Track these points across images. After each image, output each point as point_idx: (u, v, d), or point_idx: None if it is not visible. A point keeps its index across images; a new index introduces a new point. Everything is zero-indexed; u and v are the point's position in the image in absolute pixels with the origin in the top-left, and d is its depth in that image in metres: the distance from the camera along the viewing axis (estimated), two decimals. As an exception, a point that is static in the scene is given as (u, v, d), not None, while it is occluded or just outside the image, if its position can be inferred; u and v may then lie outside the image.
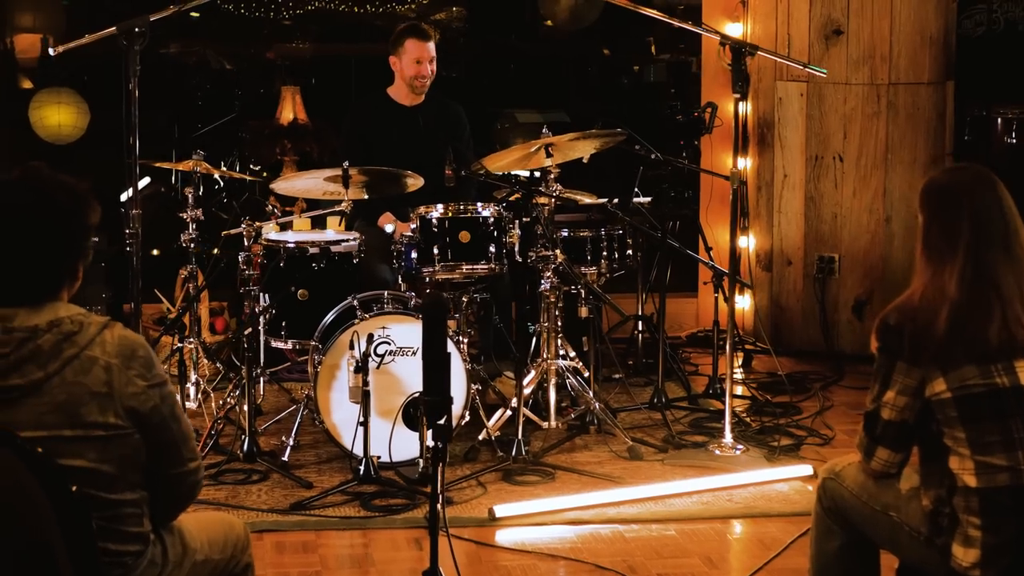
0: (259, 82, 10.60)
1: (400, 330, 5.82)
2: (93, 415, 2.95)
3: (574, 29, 11.64)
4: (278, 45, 10.47)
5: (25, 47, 12.26)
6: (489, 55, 9.60)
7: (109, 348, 2.99)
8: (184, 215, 6.32)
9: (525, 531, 5.29)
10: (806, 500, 5.56)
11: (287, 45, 10.50)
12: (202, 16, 10.36)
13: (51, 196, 3.01)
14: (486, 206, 6.17)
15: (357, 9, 10.46)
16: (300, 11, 10.42)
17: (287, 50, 10.52)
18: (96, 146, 11.10)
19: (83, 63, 11.04)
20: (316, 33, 10.52)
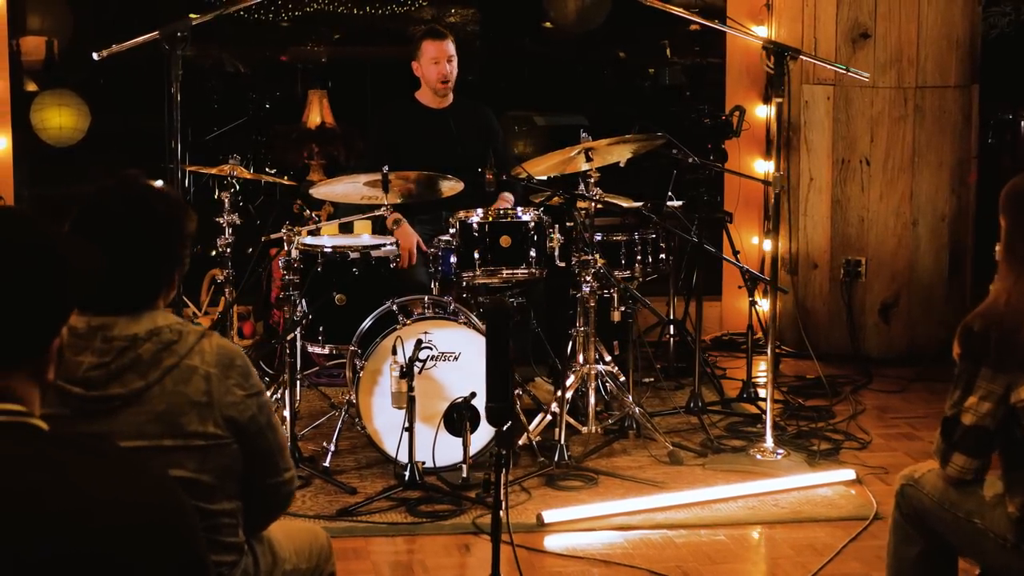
0: (274, 85, 10.56)
1: (442, 335, 5.80)
2: (193, 425, 2.93)
3: (581, 31, 11.65)
4: (293, 48, 10.44)
5: (30, 49, 12.22)
6: (503, 57, 9.58)
7: (208, 357, 2.97)
8: (220, 220, 6.28)
9: (574, 537, 5.28)
10: (852, 505, 5.57)
11: (301, 48, 10.46)
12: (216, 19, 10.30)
13: (150, 204, 2.98)
14: (526, 211, 6.16)
15: (370, 11, 10.44)
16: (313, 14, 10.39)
17: (301, 53, 10.49)
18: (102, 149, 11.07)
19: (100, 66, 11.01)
20: (330, 36, 10.49)
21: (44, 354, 2.07)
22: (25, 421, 2.05)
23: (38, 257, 2.05)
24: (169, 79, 5.63)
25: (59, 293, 2.06)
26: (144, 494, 2.02)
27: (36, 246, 2.06)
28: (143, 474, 2.06)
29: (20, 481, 1.97)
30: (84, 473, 2.00)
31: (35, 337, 2.05)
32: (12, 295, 2.01)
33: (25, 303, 2.02)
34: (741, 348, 8.15)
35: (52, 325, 2.07)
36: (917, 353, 7.81)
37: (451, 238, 6.18)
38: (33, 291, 2.03)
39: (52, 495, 1.96)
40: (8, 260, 2.02)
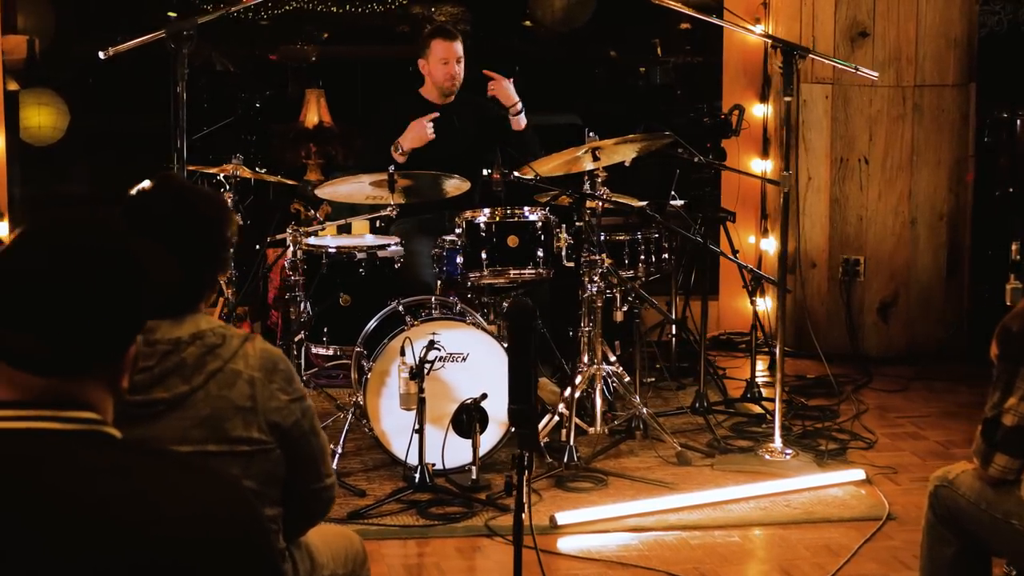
0: (264, 84, 10.50)
1: (450, 336, 5.76)
2: (237, 430, 2.88)
3: (564, 29, 11.62)
4: (282, 47, 10.37)
5: (11, 48, 12.11)
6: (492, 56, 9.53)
7: (252, 361, 2.92)
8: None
9: (588, 539, 5.25)
10: (864, 505, 5.55)
11: (291, 47, 10.40)
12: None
13: (193, 205, 2.94)
14: (533, 210, 6.12)
15: (357, 9, 10.37)
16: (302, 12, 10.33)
17: (291, 52, 10.42)
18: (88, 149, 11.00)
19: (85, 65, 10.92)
20: (319, 35, 10.43)
21: (119, 361, 2.03)
22: (99, 429, 2.00)
23: (116, 262, 2.00)
24: (175, 78, 5.56)
25: (136, 300, 2.01)
26: (221, 506, 1.98)
27: (114, 251, 2.01)
28: (220, 485, 2.01)
29: (94, 491, 1.92)
30: (160, 483, 1.96)
31: (111, 344, 2.00)
32: (89, 301, 1.96)
33: (102, 309, 1.97)
34: (739, 347, 8.15)
35: (128, 332, 2.02)
36: (916, 352, 7.81)
37: (457, 238, 6.13)
38: (110, 297, 1.98)
39: (128, 506, 1.91)
40: (86, 265, 1.97)
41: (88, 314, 1.96)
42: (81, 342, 1.96)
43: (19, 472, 1.92)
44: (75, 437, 1.97)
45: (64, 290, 1.95)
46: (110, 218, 2.08)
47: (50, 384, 1.97)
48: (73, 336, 1.96)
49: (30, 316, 1.95)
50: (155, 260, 2.07)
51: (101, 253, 1.99)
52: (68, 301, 1.95)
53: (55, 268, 1.96)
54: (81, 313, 1.95)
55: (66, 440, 1.97)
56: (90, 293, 1.96)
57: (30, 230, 2.03)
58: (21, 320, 1.95)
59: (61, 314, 1.95)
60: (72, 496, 1.91)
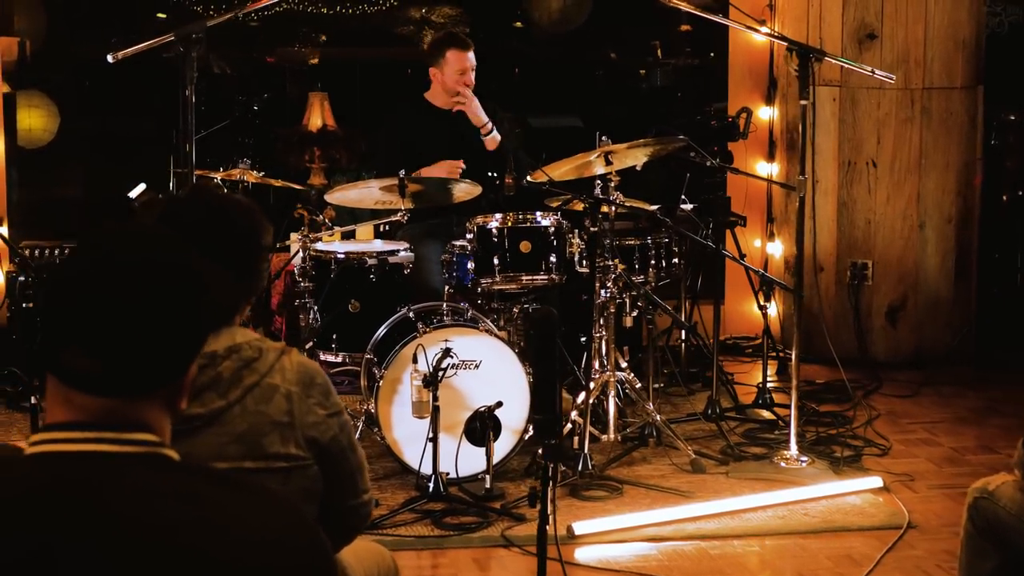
0: (261, 87, 10.41)
1: (462, 343, 5.68)
2: (275, 446, 2.80)
3: (562, 31, 11.54)
4: (280, 50, 10.28)
5: (2, 49, 12.01)
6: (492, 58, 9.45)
7: (289, 375, 2.84)
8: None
9: (606, 548, 5.17)
10: (883, 514, 5.49)
11: (289, 49, 10.31)
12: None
13: (230, 216, 2.85)
14: (546, 216, 6.05)
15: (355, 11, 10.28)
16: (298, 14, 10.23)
17: (288, 54, 10.33)
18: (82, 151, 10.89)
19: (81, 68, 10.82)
20: (316, 37, 10.34)
21: (180, 381, 1.95)
22: (158, 452, 1.92)
23: (178, 278, 1.92)
24: (183, 82, 5.48)
25: (198, 317, 1.93)
26: (288, 532, 1.90)
27: (176, 267, 1.93)
28: (285, 510, 1.93)
29: (159, 516, 1.84)
30: (225, 509, 1.88)
31: (173, 363, 1.92)
32: (152, 319, 1.88)
33: (165, 327, 1.89)
34: (746, 352, 8.08)
35: (189, 351, 1.94)
36: (924, 356, 7.75)
37: (467, 243, 6.06)
38: (173, 315, 1.90)
39: (195, 532, 1.84)
40: (148, 281, 1.89)
41: (150, 333, 1.88)
42: (142, 362, 1.89)
43: (80, 496, 1.85)
44: (134, 460, 1.90)
45: (125, 308, 1.87)
46: (166, 232, 1.99)
47: (108, 405, 1.89)
48: (134, 356, 1.88)
49: (89, 335, 1.87)
50: (213, 275, 1.99)
51: (163, 269, 1.91)
52: (129, 319, 1.87)
53: (116, 284, 1.88)
54: (143, 332, 1.88)
55: (125, 463, 1.89)
56: (152, 311, 1.88)
57: (87, 244, 1.95)
58: (80, 339, 1.87)
59: (122, 333, 1.87)
60: (136, 521, 1.83)
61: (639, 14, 10.62)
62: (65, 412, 1.91)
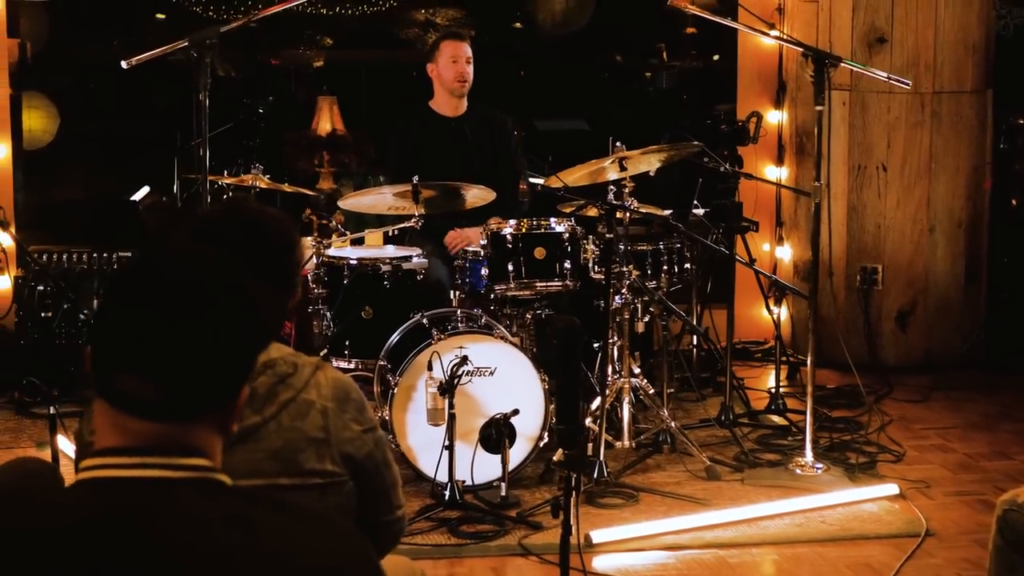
0: (266, 90, 10.37)
1: (477, 349, 5.66)
2: (311, 462, 2.77)
3: (563, 32, 11.53)
4: (285, 52, 10.25)
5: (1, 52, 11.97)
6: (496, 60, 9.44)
7: (324, 391, 2.81)
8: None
9: (624, 557, 5.15)
10: (901, 521, 5.46)
11: (294, 52, 10.28)
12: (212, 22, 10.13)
13: (265, 231, 2.82)
14: (560, 222, 6.02)
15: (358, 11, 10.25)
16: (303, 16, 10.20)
17: (294, 57, 10.30)
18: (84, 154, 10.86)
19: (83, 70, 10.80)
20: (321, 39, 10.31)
21: (233, 404, 1.92)
22: (211, 477, 1.89)
23: (232, 300, 1.89)
24: (197, 86, 5.45)
25: (251, 339, 1.90)
26: (340, 558, 1.88)
27: (230, 288, 1.90)
28: (342, 536, 1.91)
29: (210, 542, 1.81)
30: (276, 533, 1.85)
31: (226, 386, 1.89)
32: (206, 341, 1.85)
33: (219, 350, 1.86)
34: (755, 356, 8.06)
35: (242, 373, 1.91)
36: (934, 361, 7.73)
37: (480, 249, 6.03)
38: (227, 337, 1.87)
39: (244, 557, 1.81)
40: (202, 303, 1.86)
41: (206, 356, 1.85)
42: (196, 385, 1.86)
43: (132, 523, 1.82)
44: (187, 485, 1.87)
45: (181, 332, 1.84)
46: (216, 251, 1.96)
47: (161, 429, 1.86)
48: (188, 379, 1.85)
49: (145, 360, 1.84)
50: (264, 294, 1.96)
51: (217, 290, 1.88)
52: (185, 343, 1.84)
53: (171, 308, 1.84)
54: (199, 355, 1.85)
55: (178, 489, 1.86)
56: (207, 333, 1.85)
57: (138, 264, 1.92)
58: (135, 364, 1.84)
59: (178, 357, 1.84)
60: (189, 548, 1.81)
61: (644, 17, 10.61)
62: (116, 437, 1.88)
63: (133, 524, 1.82)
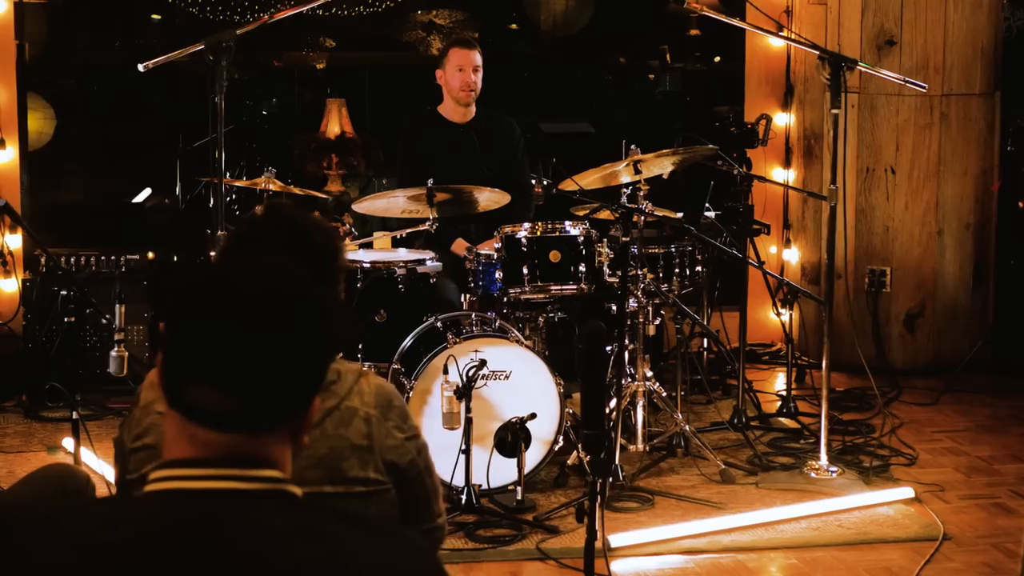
0: (270, 91, 10.35)
1: (492, 353, 5.64)
2: (354, 470, 2.76)
3: (565, 34, 11.51)
4: (287, 54, 10.22)
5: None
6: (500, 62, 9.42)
7: (367, 398, 2.80)
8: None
9: (642, 561, 5.15)
10: (917, 525, 5.46)
11: (296, 53, 10.25)
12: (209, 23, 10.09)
13: (308, 236, 2.80)
14: (575, 225, 6.01)
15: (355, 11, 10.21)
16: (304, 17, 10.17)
17: (296, 58, 10.28)
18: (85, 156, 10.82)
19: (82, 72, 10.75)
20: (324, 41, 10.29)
21: (306, 415, 1.90)
22: (283, 488, 1.88)
23: (307, 310, 1.87)
24: (213, 89, 5.43)
25: (325, 349, 1.89)
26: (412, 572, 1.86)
27: (305, 298, 1.88)
28: (413, 550, 1.89)
29: (283, 555, 1.79)
30: (349, 547, 1.83)
31: (301, 397, 1.88)
32: (282, 352, 1.83)
33: (294, 360, 1.85)
34: (762, 359, 8.05)
35: (316, 383, 1.90)
36: (942, 364, 7.72)
37: (494, 252, 6.01)
38: (302, 347, 1.85)
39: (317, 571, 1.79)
40: (279, 313, 1.84)
41: (282, 367, 1.83)
42: (272, 396, 1.84)
43: (204, 535, 1.80)
44: (260, 497, 1.85)
45: (257, 341, 1.82)
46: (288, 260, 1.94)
47: (234, 441, 1.85)
48: (264, 390, 1.83)
49: (218, 370, 1.82)
50: (335, 304, 1.95)
51: (293, 300, 1.86)
52: (261, 353, 1.82)
53: (249, 319, 1.83)
54: (274, 365, 1.83)
55: (251, 501, 1.85)
56: (284, 344, 1.83)
57: (210, 274, 1.90)
58: (207, 374, 1.83)
59: (253, 367, 1.82)
60: (261, 561, 1.79)
61: (647, 19, 10.61)
62: (187, 448, 1.86)
63: (206, 536, 1.80)
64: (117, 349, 4.87)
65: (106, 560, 1.79)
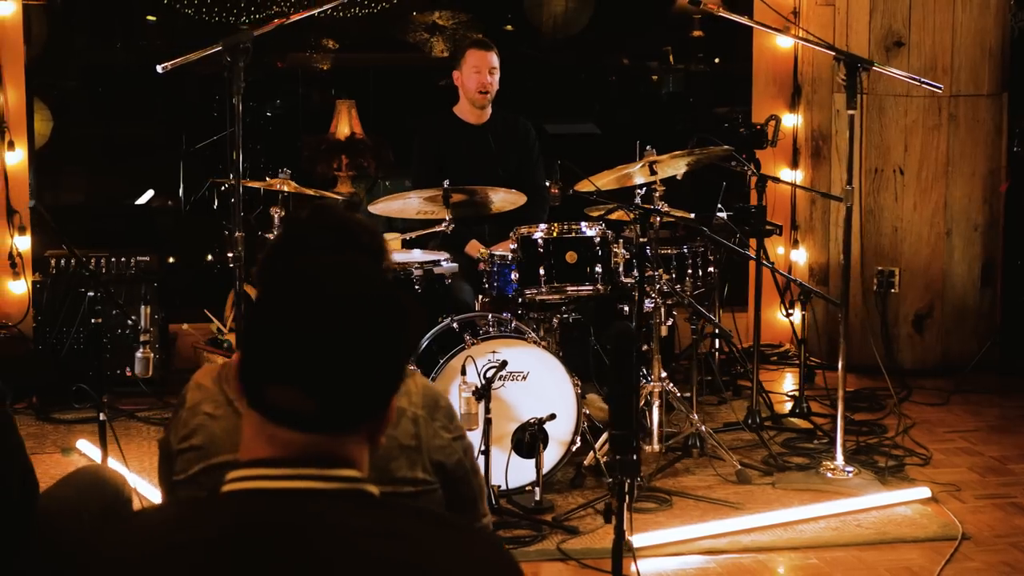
0: (274, 93, 10.35)
1: (510, 354, 5.64)
2: (403, 470, 2.76)
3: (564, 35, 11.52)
4: (291, 55, 10.22)
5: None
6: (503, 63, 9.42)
7: (415, 399, 2.80)
8: (270, 236, 6.09)
9: (664, 562, 5.15)
10: (936, 525, 5.47)
11: (300, 55, 10.24)
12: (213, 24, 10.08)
13: (355, 237, 2.79)
14: (591, 226, 6.01)
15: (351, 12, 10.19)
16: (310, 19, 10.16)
17: (299, 59, 10.27)
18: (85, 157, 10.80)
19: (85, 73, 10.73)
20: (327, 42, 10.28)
21: (384, 414, 1.90)
22: (361, 488, 1.88)
23: (388, 310, 1.87)
24: (230, 91, 5.42)
25: (404, 349, 1.89)
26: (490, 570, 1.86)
27: (385, 298, 1.88)
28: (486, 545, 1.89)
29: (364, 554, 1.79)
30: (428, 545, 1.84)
31: (380, 398, 1.88)
32: (365, 352, 1.84)
33: (376, 360, 1.85)
34: (770, 360, 8.05)
35: (396, 383, 1.90)
36: (950, 364, 7.73)
37: (509, 253, 6.01)
38: (383, 347, 1.86)
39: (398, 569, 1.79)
40: (364, 315, 1.85)
41: (365, 368, 1.83)
42: (353, 397, 1.84)
43: (284, 535, 1.80)
44: (339, 497, 1.85)
45: (340, 342, 1.82)
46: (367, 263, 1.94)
47: (315, 441, 1.85)
48: (346, 391, 1.83)
49: (300, 371, 1.82)
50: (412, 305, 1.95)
51: (376, 302, 1.86)
52: (344, 354, 1.82)
53: (333, 321, 1.83)
54: (356, 366, 1.83)
55: (330, 500, 1.85)
56: (368, 345, 1.83)
57: (289, 276, 1.89)
58: (289, 375, 1.82)
59: (336, 368, 1.82)
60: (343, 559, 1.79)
61: (650, 19, 10.61)
62: (267, 448, 1.86)
63: (285, 536, 1.80)
64: (143, 350, 4.86)
65: (186, 559, 1.79)
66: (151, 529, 1.85)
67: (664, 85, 10.87)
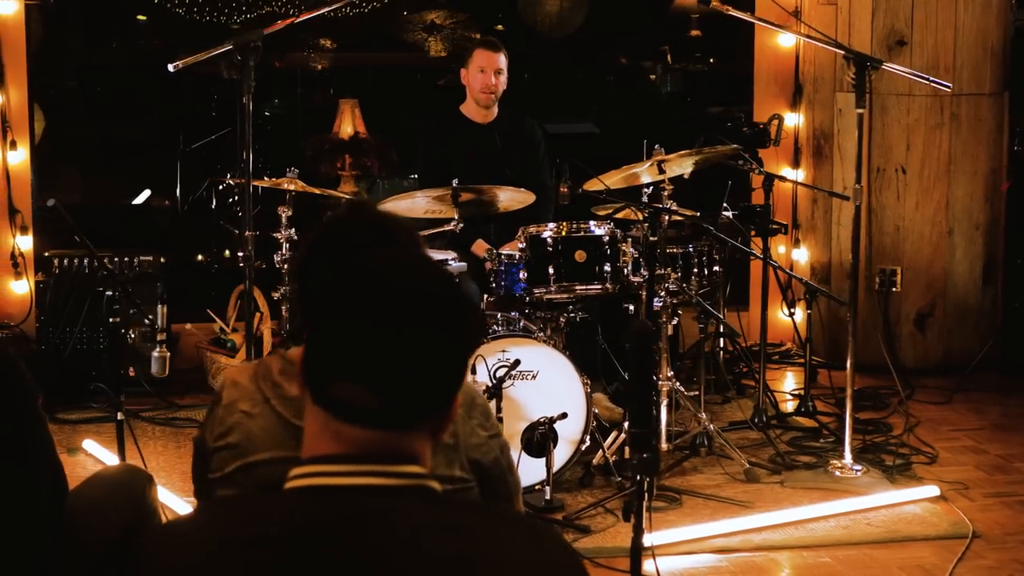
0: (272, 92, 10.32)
1: (519, 353, 5.63)
2: (440, 468, 2.74)
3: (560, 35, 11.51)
4: (288, 55, 10.20)
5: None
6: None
7: (452, 396, 2.79)
8: (278, 235, 6.08)
9: (676, 560, 5.14)
10: (946, 523, 5.48)
11: (298, 54, 10.23)
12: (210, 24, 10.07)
13: (392, 234, 2.79)
14: (599, 224, 6.01)
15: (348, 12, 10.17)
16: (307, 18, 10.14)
17: (297, 60, 10.25)
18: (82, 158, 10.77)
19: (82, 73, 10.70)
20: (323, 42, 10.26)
21: (448, 410, 1.90)
22: (425, 484, 1.87)
23: (453, 307, 1.87)
24: (241, 90, 5.42)
25: (468, 345, 1.89)
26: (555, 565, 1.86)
27: (450, 295, 1.88)
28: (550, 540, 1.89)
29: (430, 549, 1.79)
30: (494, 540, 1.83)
31: (445, 394, 1.88)
32: (432, 349, 1.83)
33: (441, 357, 1.85)
34: (772, 359, 8.06)
35: (459, 379, 1.90)
36: (952, 363, 7.75)
37: (517, 252, 6.01)
38: (448, 344, 1.85)
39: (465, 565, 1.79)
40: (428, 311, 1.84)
41: (430, 364, 1.83)
42: (419, 394, 1.84)
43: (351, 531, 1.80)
44: (404, 493, 1.85)
45: (407, 339, 1.82)
46: (428, 258, 1.94)
47: (378, 437, 1.85)
48: (413, 388, 1.83)
49: (366, 368, 1.82)
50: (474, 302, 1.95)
51: (439, 298, 1.86)
52: (410, 351, 1.82)
53: (398, 315, 1.82)
54: (423, 363, 1.83)
55: (395, 496, 1.85)
56: (432, 342, 1.83)
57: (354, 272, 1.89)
58: (356, 372, 1.82)
59: (403, 365, 1.82)
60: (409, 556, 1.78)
61: (647, 19, 10.62)
62: (331, 444, 1.86)
63: (351, 532, 1.80)
64: (159, 349, 4.85)
65: (250, 555, 1.79)
66: (216, 526, 1.84)
67: (662, 84, 10.87)
